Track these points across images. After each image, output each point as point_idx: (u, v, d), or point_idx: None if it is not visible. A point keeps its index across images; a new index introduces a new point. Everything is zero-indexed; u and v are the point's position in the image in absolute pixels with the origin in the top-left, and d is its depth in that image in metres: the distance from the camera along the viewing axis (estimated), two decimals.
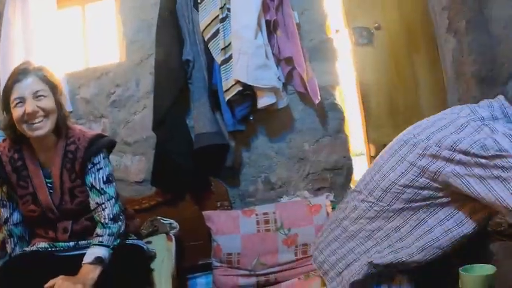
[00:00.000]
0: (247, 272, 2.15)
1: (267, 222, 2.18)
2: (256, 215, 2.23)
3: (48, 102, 1.57)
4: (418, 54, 3.20)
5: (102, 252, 1.53)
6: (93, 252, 1.52)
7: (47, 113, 1.56)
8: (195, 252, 2.40)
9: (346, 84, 2.87)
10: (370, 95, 2.92)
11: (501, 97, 1.37)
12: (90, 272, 1.47)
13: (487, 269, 1.22)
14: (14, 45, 2.42)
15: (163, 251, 1.92)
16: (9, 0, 2.43)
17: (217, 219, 2.24)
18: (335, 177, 2.46)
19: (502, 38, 3.23)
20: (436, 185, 1.28)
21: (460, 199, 1.29)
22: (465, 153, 1.19)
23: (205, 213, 2.27)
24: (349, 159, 2.49)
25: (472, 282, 1.19)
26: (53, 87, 1.62)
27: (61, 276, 1.41)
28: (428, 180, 1.29)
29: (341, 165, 2.46)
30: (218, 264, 2.19)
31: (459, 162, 1.21)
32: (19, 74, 1.57)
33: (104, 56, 2.75)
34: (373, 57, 2.94)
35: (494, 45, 3.31)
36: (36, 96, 1.55)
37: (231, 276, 2.17)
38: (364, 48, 2.87)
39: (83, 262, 1.50)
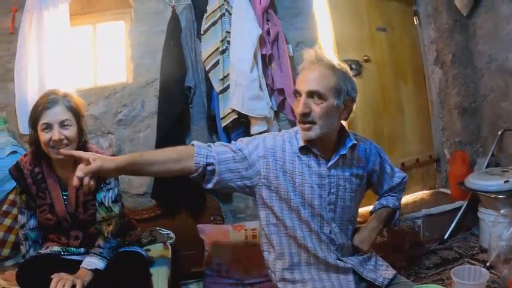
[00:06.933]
0: (235, 281, 2.33)
1: (254, 237, 2.36)
2: (246, 230, 2.43)
3: (72, 131, 1.73)
4: (405, 84, 3.39)
5: (101, 264, 1.73)
6: (94, 262, 1.72)
7: (70, 141, 1.73)
8: (188, 261, 2.58)
9: None
10: (356, 122, 3.10)
11: None
12: (87, 275, 1.68)
13: None
14: (28, 61, 2.50)
15: (160, 258, 2.11)
16: (24, 17, 2.51)
17: (209, 231, 2.42)
18: None
19: (484, 72, 3.44)
20: None
21: None
22: None
23: (199, 226, 2.45)
24: None
25: None
26: (78, 116, 1.77)
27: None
28: None
29: None
30: (209, 272, 2.37)
31: None
32: (49, 102, 1.71)
33: (111, 75, 2.86)
34: (361, 87, 3.04)
35: (477, 78, 3.51)
36: (63, 125, 1.71)
37: (220, 285, 2.33)
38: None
39: (82, 266, 1.71)
